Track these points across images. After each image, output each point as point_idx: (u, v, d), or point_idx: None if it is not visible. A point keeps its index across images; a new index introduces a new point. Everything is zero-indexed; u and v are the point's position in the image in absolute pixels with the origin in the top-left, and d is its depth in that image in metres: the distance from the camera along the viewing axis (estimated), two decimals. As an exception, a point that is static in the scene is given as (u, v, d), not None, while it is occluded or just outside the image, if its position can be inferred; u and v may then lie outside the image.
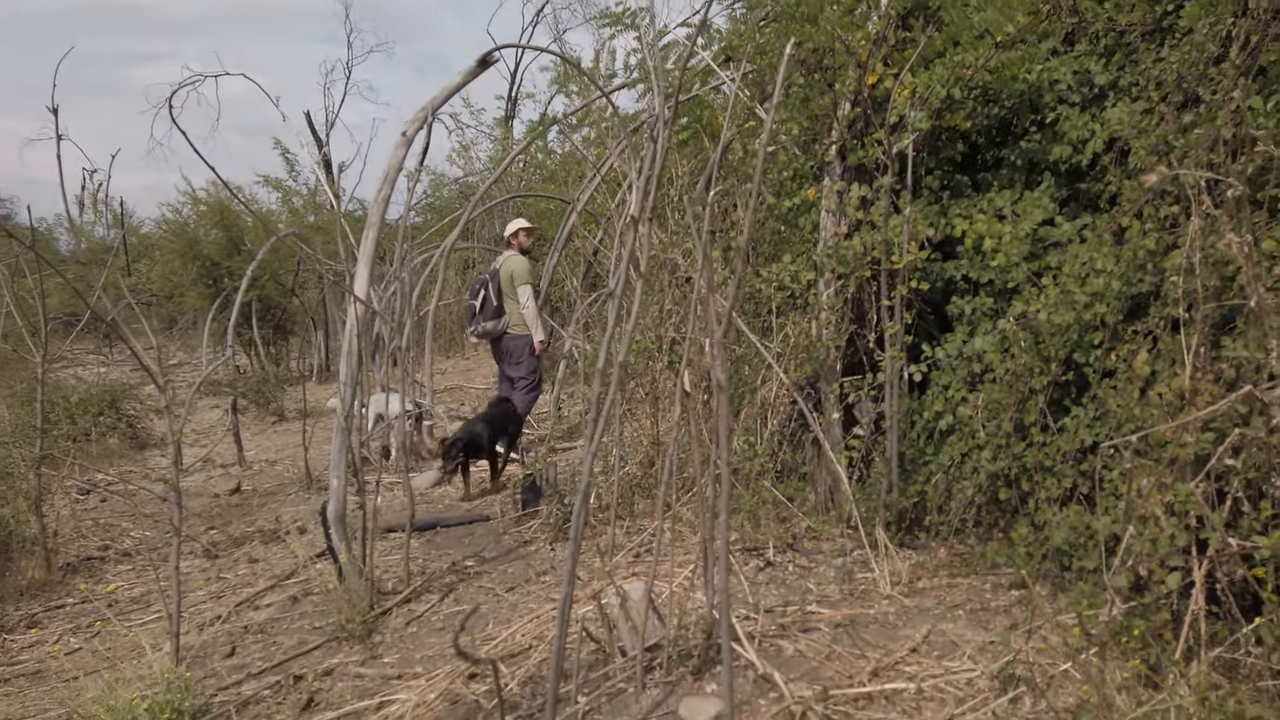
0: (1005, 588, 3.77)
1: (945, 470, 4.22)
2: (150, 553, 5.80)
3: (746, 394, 5.17)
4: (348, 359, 3.98)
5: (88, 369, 17.12)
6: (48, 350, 5.72)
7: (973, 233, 4.34)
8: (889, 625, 3.45)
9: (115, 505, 7.18)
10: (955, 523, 4.02)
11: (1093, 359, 3.68)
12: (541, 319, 8.30)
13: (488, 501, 6.31)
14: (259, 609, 4.40)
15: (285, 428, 11.29)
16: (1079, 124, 4.21)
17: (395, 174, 4.15)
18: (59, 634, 4.44)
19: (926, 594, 3.77)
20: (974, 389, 4.20)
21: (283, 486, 7.38)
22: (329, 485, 4.03)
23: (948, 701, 2.78)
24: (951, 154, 4.81)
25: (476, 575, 4.55)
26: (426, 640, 3.72)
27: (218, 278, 15.33)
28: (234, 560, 5.41)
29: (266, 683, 3.45)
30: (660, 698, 2.92)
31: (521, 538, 5.25)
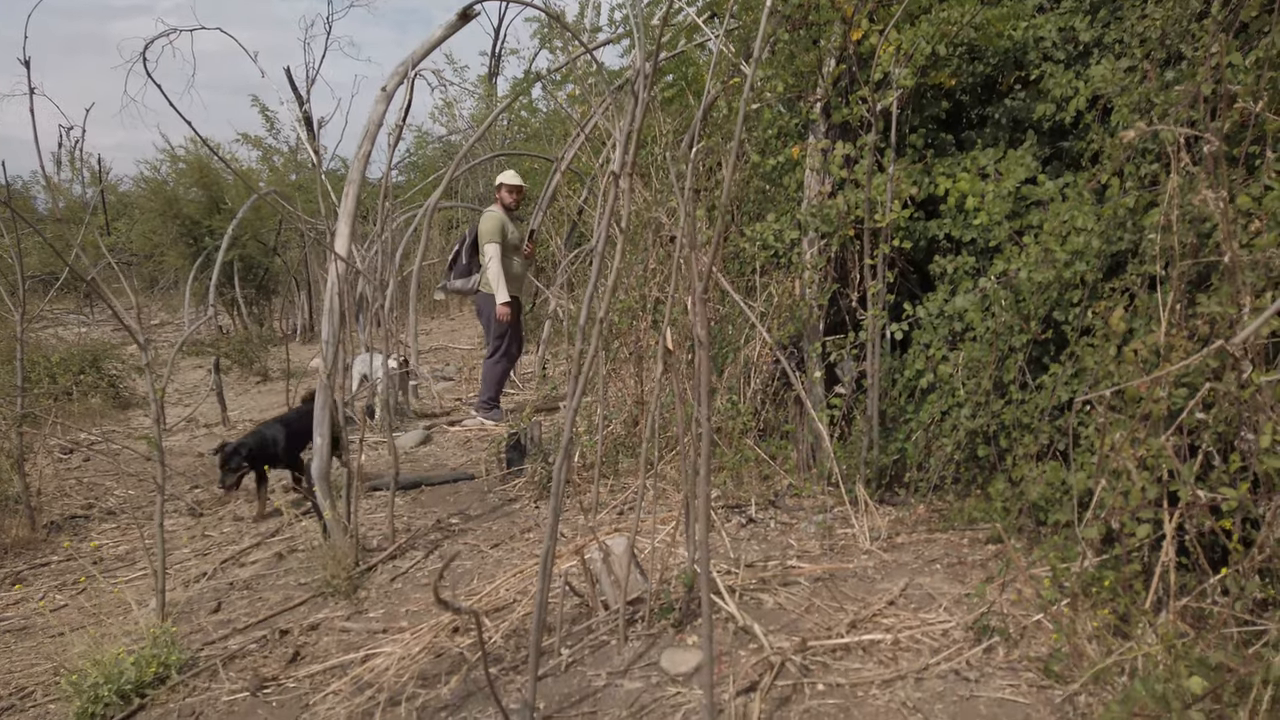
0: (982, 542, 3.83)
1: (925, 428, 4.27)
2: (134, 511, 5.80)
3: (730, 353, 5.19)
4: (330, 318, 3.97)
5: (68, 329, 16.99)
6: (26, 309, 5.66)
7: (955, 191, 4.35)
8: (867, 579, 3.50)
9: (99, 464, 7.17)
10: (934, 479, 4.08)
11: (1071, 317, 3.71)
12: (529, 280, 8.26)
13: (472, 461, 6.33)
14: (244, 566, 4.43)
15: (269, 388, 11.26)
16: (1063, 81, 4.21)
17: (376, 130, 4.10)
18: (44, 591, 4.46)
19: (905, 549, 3.83)
20: (955, 347, 4.24)
21: (267, 446, 7.37)
22: (313, 444, 4.03)
23: (923, 652, 2.84)
24: (935, 112, 4.80)
25: (461, 532, 4.59)
26: (411, 596, 3.76)
27: (198, 237, 15.18)
28: (218, 519, 5.43)
29: (253, 637, 3.48)
30: (642, 649, 2.97)
31: (506, 496, 5.29)
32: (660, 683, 2.77)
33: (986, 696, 2.55)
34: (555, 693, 2.77)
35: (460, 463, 6.35)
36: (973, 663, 2.73)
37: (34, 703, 3.25)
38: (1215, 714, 2.01)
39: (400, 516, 4.98)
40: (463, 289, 7.70)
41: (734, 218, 5.56)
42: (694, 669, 2.79)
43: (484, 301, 7.40)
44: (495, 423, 7.40)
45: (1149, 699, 1.99)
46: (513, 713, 2.58)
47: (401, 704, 2.79)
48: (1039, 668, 2.65)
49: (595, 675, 2.86)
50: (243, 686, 3.07)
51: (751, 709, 2.55)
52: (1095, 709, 2.38)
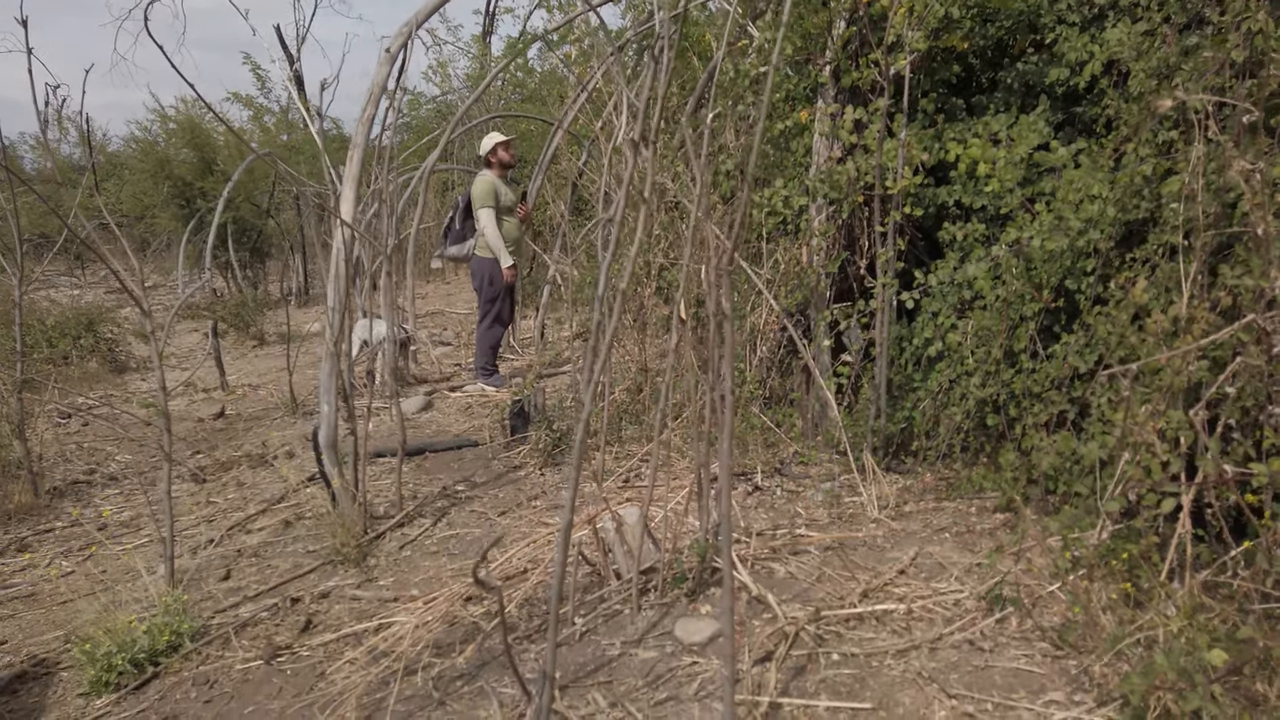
0: (990, 511, 3.84)
1: (933, 396, 4.26)
2: (137, 477, 5.79)
3: (736, 321, 5.16)
4: (335, 284, 3.92)
5: (60, 291, 16.86)
6: (23, 270, 5.60)
7: (966, 157, 4.30)
8: (877, 548, 3.51)
9: (98, 429, 7.14)
10: (942, 448, 4.08)
11: (1084, 286, 3.69)
12: (525, 244, 8.19)
13: (474, 428, 6.32)
14: (251, 533, 4.42)
15: (266, 351, 11.21)
16: (1078, 45, 4.14)
17: (380, 92, 4.03)
18: (50, 557, 4.45)
19: (913, 517, 3.83)
20: (963, 316, 4.22)
21: (267, 411, 7.35)
22: (320, 411, 4.01)
23: (936, 621, 2.85)
24: (947, 76, 4.73)
25: (468, 500, 4.58)
26: (421, 563, 3.76)
27: (190, 199, 15.01)
28: (222, 484, 5.41)
29: (264, 605, 3.48)
30: (655, 619, 2.97)
31: (511, 463, 5.28)
32: (675, 652, 2.78)
33: (1001, 666, 2.56)
34: (570, 662, 2.78)
35: (463, 429, 6.33)
36: (986, 633, 2.74)
37: (46, 669, 3.25)
38: (1235, 687, 2.02)
39: (406, 484, 4.97)
40: (458, 255, 7.63)
41: (740, 183, 5.50)
42: (708, 638, 2.80)
43: (478, 265, 7.33)
44: (495, 388, 7.38)
45: (1170, 670, 1.99)
46: (529, 682, 2.59)
47: (418, 673, 2.79)
48: (1053, 638, 2.66)
49: (610, 644, 2.87)
50: (256, 655, 3.07)
51: (768, 679, 2.56)
52: (1111, 679, 2.39)
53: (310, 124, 14.49)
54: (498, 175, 7.32)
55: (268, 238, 16.23)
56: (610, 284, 5.29)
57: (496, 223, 7.18)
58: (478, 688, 2.69)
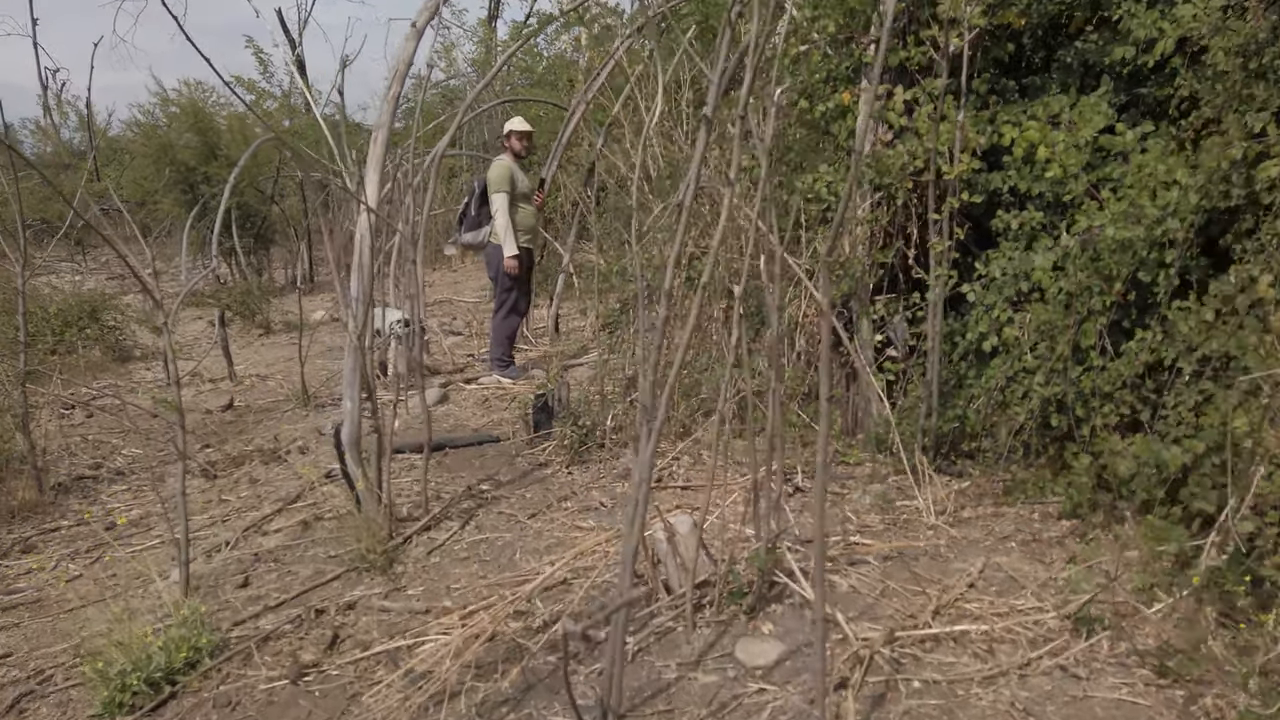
0: (1054, 517, 3.62)
1: (987, 394, 4.04)
2: (145, 472, 5.57)
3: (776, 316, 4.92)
4: (359, 273, 3.69)
5: (62, 277, 16.60)
6: (26, 257, 5.36)
7: (1023, 140, 4.07)
8: (940, 558, 3.30)
9: (103, 421, 6.91)
10: (1003, 449, 3.85)
11: (1161, 278, 3.46)
12: (539, 233, 7.94)
13: (493, 422, 6.10)
14: (268, 534, 4.20)
15: (272, 340, 10.98)
16: (1146, 22, 3.89)
17: (405, 70, 3.78)
18: (56, 559, 4.23)
19: (973, 524, 3.62)
20: (1019, 309, 3.99)
21: (277, 403, 7.13)
22: (342, 407, 3.78)
23: (1020, 644, 2.63)
24: (999, 55, 4.48)
25: (494, 500, 4.36)
26: (451, 571, 3.54)
27: (193, 184, 14.74)
28: (234, 481, 5.20)
29: (286, 616, 3.26)
30: (713, 638, 2.76)
31: (536, 460, 5.06)
32: (738, 677, 2.56)
33: (1101, 697, 2.35)
34: (624, 686, 2.56)
35: (481, 423, 6.12)
36: (1079, 658, 2.52)
37: (54, 687, 3.04)
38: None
39: (427, 481, 4.75)
40: (473, 242, 7.39)
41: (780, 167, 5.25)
42: (774, 662, 2.58)
43: (494, 253, 7.10)
44: (512, 380, 7.15)
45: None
46: (585, 710, 2.37)
47: (460, 697, 2.58)
48: (1153, 664, 2.45)
49: (664, 666, 2.65)
50: (281, 673, 2.86)
51: (846, 708, 2.34)
52: (1228, 713, 2.18)
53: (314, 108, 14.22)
54: (514, 160, 7.08)
55: (272, 224, 15.95)
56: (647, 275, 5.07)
57: (511, 209, 6.94)
58: (525, 716, 2.47)
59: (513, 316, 7.27)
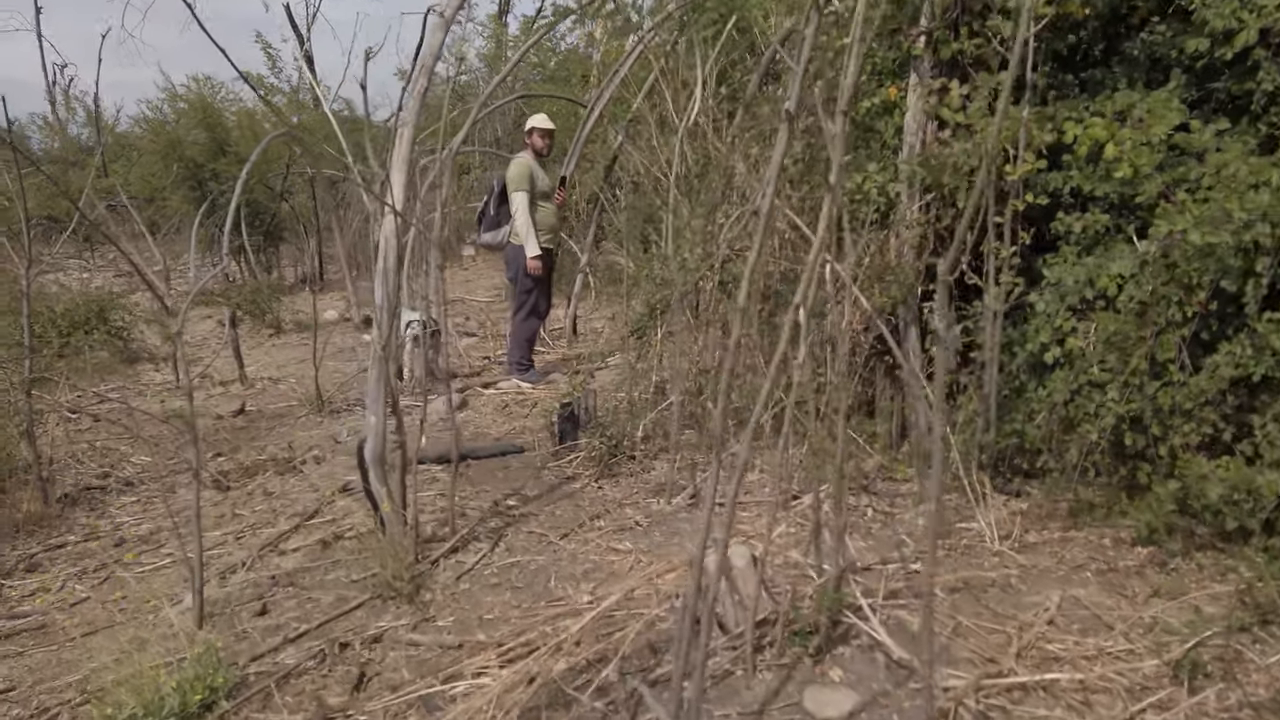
0: (1128, 544, 3.38)
1: (1049, 409, 3.79)
2: (154, 483, 5.35)
3: (813, 320, 4.68)
4: (383, 278, 3.46)
5: (69, 275, 16.42)
6: (31, 256, 5.14)
7: (1086, 138, 3.82)
8: (1011, 589, 3.06)
9: (111, 427, 6.70)
10: (1073, 468, 3.60)
11: (1249, 288, 3.21)
12: (560, 232, 7.70)
13: (515, 430, 5.87)
14: (285, 554, 3.98)
15: (283, 341, 10.76)
16: (1225, 12, 3.63)
17: (433, 62, 3.55)
18: (62, 579, 4.01)
19: (1040, 550, 3.38)
20: (1082, 318, 3.75)
21: (291, 408, 6.91)
22: (365, 421, 3.55)
23: (1118, 694, 2.39)
24: (1058, 48, 4.23)
25: (523, 518, 4.13)
26: (482, 599, 3.31)
27: (202, 180, 14.54)
28: (248, 494, 4.97)
29: (307, 650, 3.04)
30: (776, 684, 2.52)
31: (563, 473, 4.83)
32: (809, 729, 2.33)
33: (1220, 760, 2.11)
34: (682, 738, 2.33)
35: (502, 431, 5.89)
36: (1188, 714, 2.28)
37: (59, 727, 2.82)
38: None
39: (455, 498, 4.53)
40: (492, 243, 7.16)
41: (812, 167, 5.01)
42: (847, 714, 2.35)
43: (513, 254, 6.87)
44: (532, 384, 6.93)
45: None
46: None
47: (503, 752, 2.35)
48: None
49: (724, 716, 2.42)
50: (304, 718, 2.63)
51: (935, 772, 2.11)
52: (1372, 785, 1.94)
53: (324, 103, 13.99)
54: (534, 158, 6.84)
55: (281, 221, 15.73)
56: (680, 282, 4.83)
57: (530, 208, 6.71)
58: (576, 773, 2.24)
59: (533, 319, 7.04)
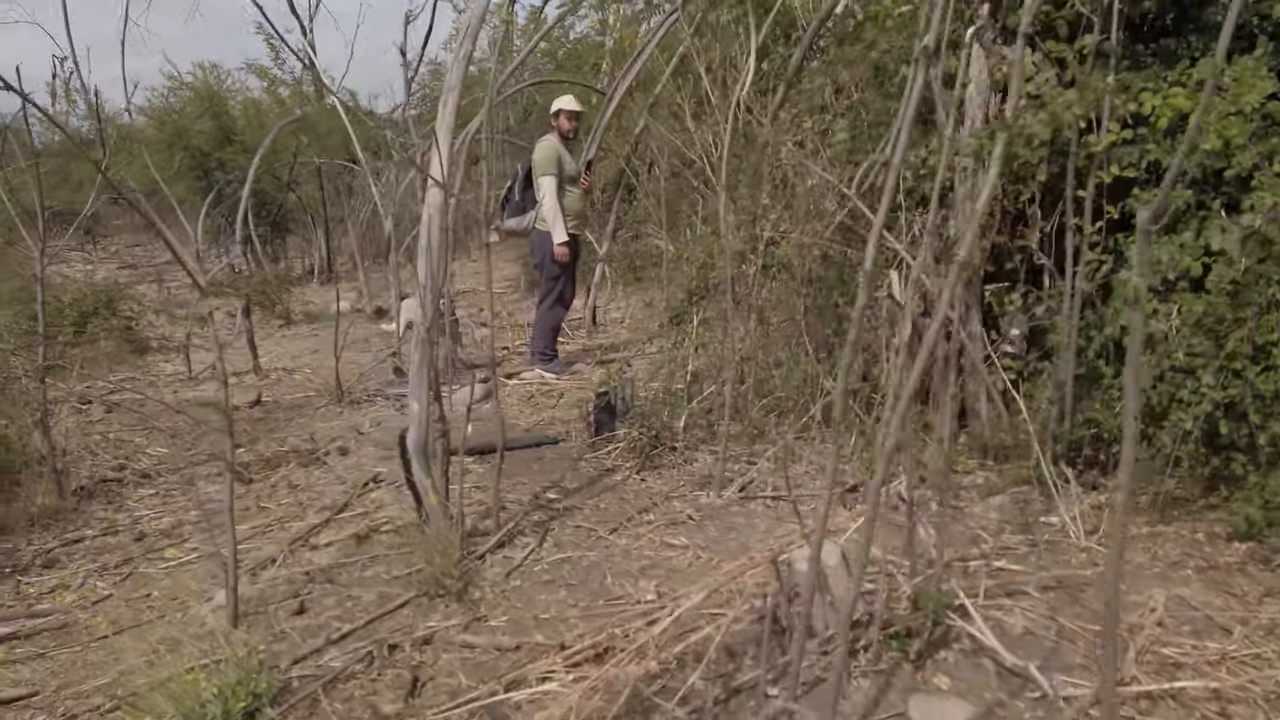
0: (1223, 539, 3.17)
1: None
2: (172, 474, 5.14)
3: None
4: (427, 256, 3.24)
5: (73, 267, 16.19)
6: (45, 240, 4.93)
7: (1167, 109, 3.60)
8: (1110, 588, 2.84)
9: (123, 418, 6.48)
10: (1165, 460, 3.38)
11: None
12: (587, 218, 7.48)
13: (543, 421, 5.67)
14: (317, 549, 3.76)
15: (294, 331, 10.54)
16: (1316, -25, 3.43)
17: (478, 26, 3.33)
18: (82, 576, 3.80)
19: (1129, 546, 3.16)
20: (1163, 300, 3.54)
21: (309, 399, 6.69)
22: (409, 410, 3.33)
23: (1257, 705, 2.18)
24: (1132, 15, 4.01)
25: (567, 512, 3.92)
26: (535, 597, 3.10)
27: (208, 170, 14.31)
28: (272, 486, 4.76)
29: (353, 652, 2.82)
30: (874, 692, 2.32)
31: (601, 465, 4.62)
32: (919, 742, 2.12)
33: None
34: (778, 752, 2.12)
35: (530, 422, 5.67)
36: (1342, 726, 2.08)
37: (89, 737, 2.61)
38: None
39: (486, 488, 4.32)
40: (517, 229, 6.94)
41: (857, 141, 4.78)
42: (964, 725, 2.14)
43: (538, 240, 6.64)
44: (556, 374, 6.71)
45: None
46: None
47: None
48: None
49: (823, 726, 2.20)
50: (358, 727, 2.42)
51: (1071, 791, 1.90)
52: None
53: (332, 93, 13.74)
54: (560, 141, 6.62)
55: (288, 212, 15.50)
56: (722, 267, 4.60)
57: (558, 193, 6.49)
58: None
59: (558, 307, 6.82)
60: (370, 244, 13.93)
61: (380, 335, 8.96)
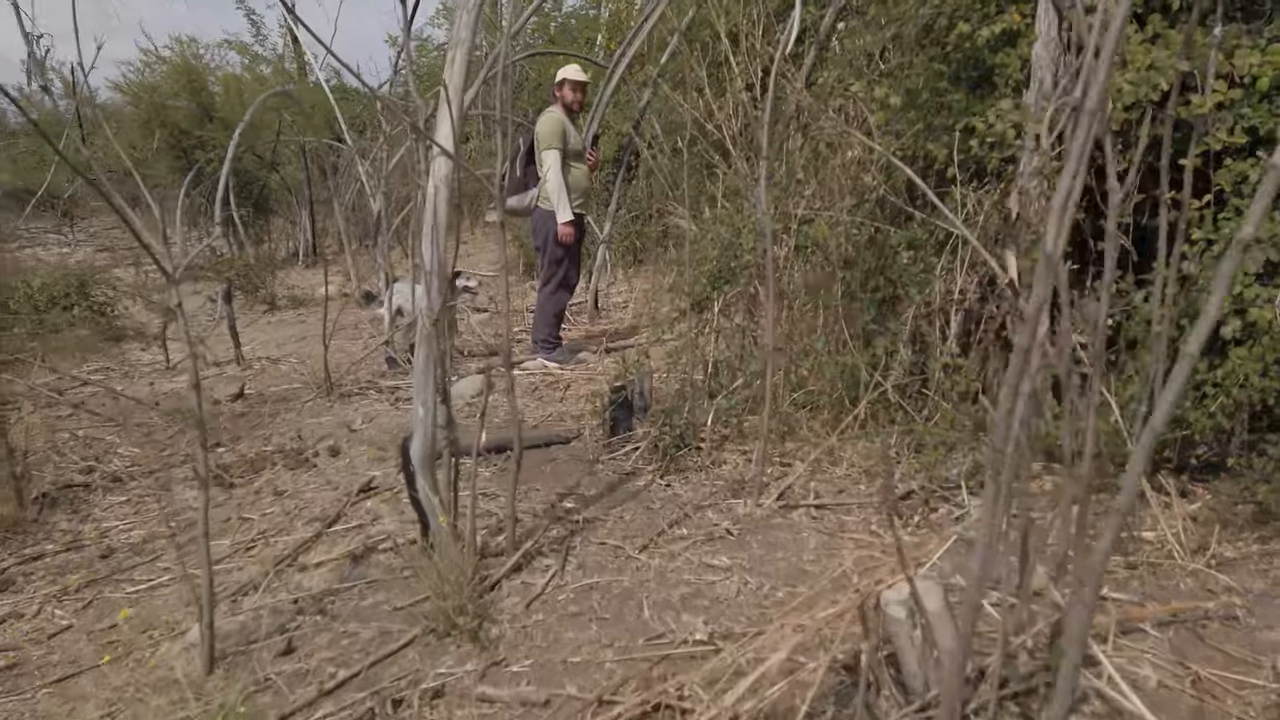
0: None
1: (1225, 392, 3.18)
2: (146, 479, 4.68)
3: (915, 288, 4.03)
4: (433, 238, 2.78)
5: (48, 250, 15.62)
6: None
7: (1269, 68, 3.17)
8: (1239, 624, 2.44)
9: (95, 414, 6.00)
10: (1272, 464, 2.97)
11: None
12: (592, 196, 7.01)
13: (552, 416, 5.23)
14: (307, 570, 3.32)
15: (278, 318, 10.06)
16: None
17: (488, -31, 2.85)
18: (39, 601, 3.35)
19: (1242, 568, 2.76)
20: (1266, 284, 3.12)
21: (294, 391, 6.22)
22: (413, 414, 2.87)
23: None
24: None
25: (589, 526, 3.48)
26: (563, 635, 2.67)
27: (187, 149, 13.72)
28: (255, 492, 4.30)
29: (350, 706, 2.39)
30: (995, 769, 1.89)
31: (620, 468, 4.18)
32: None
33: None
34: None
35: (536, 418, 5.23)
36: None
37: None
38: None
39: (495, 495, 3.88)
40: (518, 207, 6.47)
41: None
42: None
43: (541, 219, 6.17)
44: (559, 364, 6.27)
45: None
46: None
47: None
48: None
49: (936, 815, 1.79)
50: (359, 812, 1.99)
51: None
52: None
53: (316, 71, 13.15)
54: (565, 113, 6.14)
55: (271, 192, 14.91)
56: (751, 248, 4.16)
57: (563, 169, 6.02)
58: None
59: (562, 292, 6.36)
60: (357, 225, 13.39)
61: (370, 321, 8.48)
